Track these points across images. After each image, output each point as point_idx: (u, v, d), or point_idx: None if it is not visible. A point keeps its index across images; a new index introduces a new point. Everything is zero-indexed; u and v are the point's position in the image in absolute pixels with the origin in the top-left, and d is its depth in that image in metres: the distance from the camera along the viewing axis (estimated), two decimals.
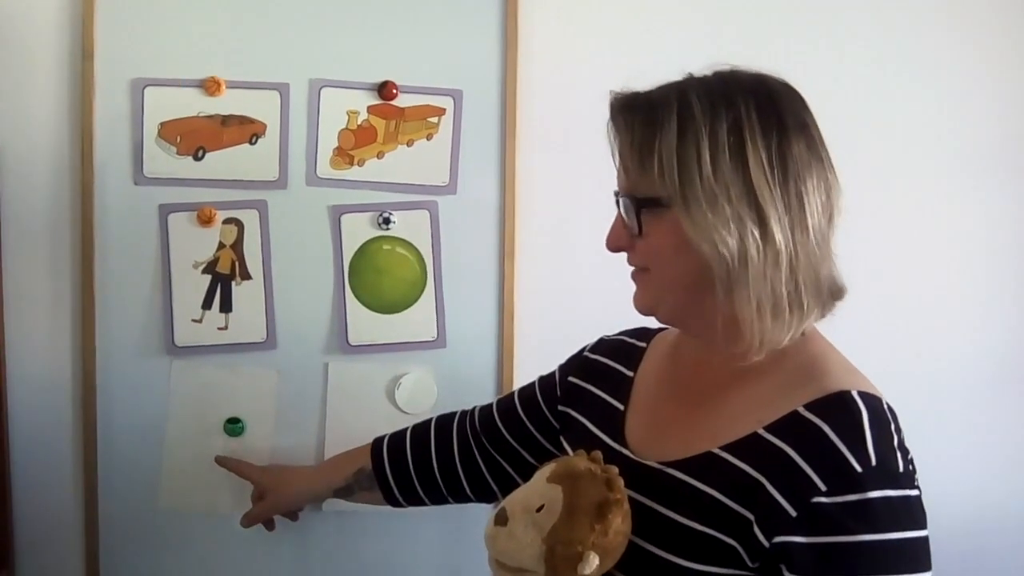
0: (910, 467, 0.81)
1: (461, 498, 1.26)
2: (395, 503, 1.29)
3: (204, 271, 1.46)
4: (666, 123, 0.83)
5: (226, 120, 1.45)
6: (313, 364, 1.49)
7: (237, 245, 1.46)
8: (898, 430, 0.82)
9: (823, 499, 0.77)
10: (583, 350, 1.17)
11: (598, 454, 0.90)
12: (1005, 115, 1.65)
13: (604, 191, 1.52)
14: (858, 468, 0.77)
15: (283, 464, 1.46)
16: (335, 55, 1.46)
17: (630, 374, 1.04)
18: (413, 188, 1.49)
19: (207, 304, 1.46)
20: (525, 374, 1.52)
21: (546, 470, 0.91)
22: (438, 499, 1.27)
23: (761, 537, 0.79)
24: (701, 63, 1.54)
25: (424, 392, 1.50)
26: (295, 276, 1.48)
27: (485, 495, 1.24)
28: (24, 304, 1.45)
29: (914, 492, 0.80)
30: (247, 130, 1.45)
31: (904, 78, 1.59)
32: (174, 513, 1.49)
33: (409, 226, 1.49)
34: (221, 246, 1.46)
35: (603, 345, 1.15)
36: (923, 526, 0.79)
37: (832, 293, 0.87)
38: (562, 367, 1.18)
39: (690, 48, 1.53)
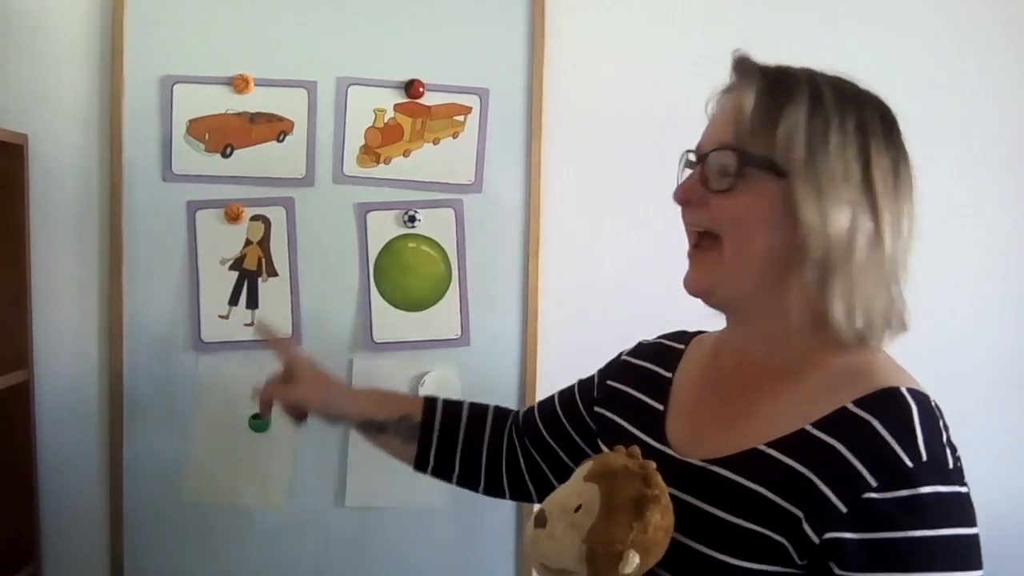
0: (959, 463, 0.80)
1: (495, 491, 1.22)
2: (422, 466, 1.21)
3: (231, 267, 1.47)
4: (799, 97, 0.84)
5: (254, 117, 1.46)
6: (338, 360, 1.49)
7: (264, 242, 1.47)
8: (946, 427, 0.81)
9: (874, 495, 0.76)
10: (621, 354, 1.16)
11: (636, 449, 0.89)
12: (1007, 115, 1.64)
13: (628, 190, 1.54)
14: (909, 463, 0.76)
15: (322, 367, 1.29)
16: (362, 53, 1.47)
17: (668, 375, 1.03)
18: (439, 186, 1.49)
19: (234, 300, 1.47)
20: (548, 372, 1.52)
21: (583, 468, 0.89)
22: (469, 482, 1.21)
23: (811, 533, 0.78)
24: (728, 62, 1.55)
25: (448, 389, 1.51)
26: (321, 273, 1.49)
27: (521, 493, 1.23)
28: (52, 299, 1.46)
29: (964, 488, 0.79)
30: (275, 127, 1.46)
31: (905, 81, 1.57)
32: (198, 506, 1.50)
33: (434, 224, 1.50)
34: (248, 243, 1.47)
35: (641, 349, 1.14)
36: (973, 523, 0.78)
37: (900, 320, 0.87)
38: (601, 371, 1.16)
39: (715, 47, 1.51)
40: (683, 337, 1.08)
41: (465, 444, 1.21)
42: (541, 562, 0.87)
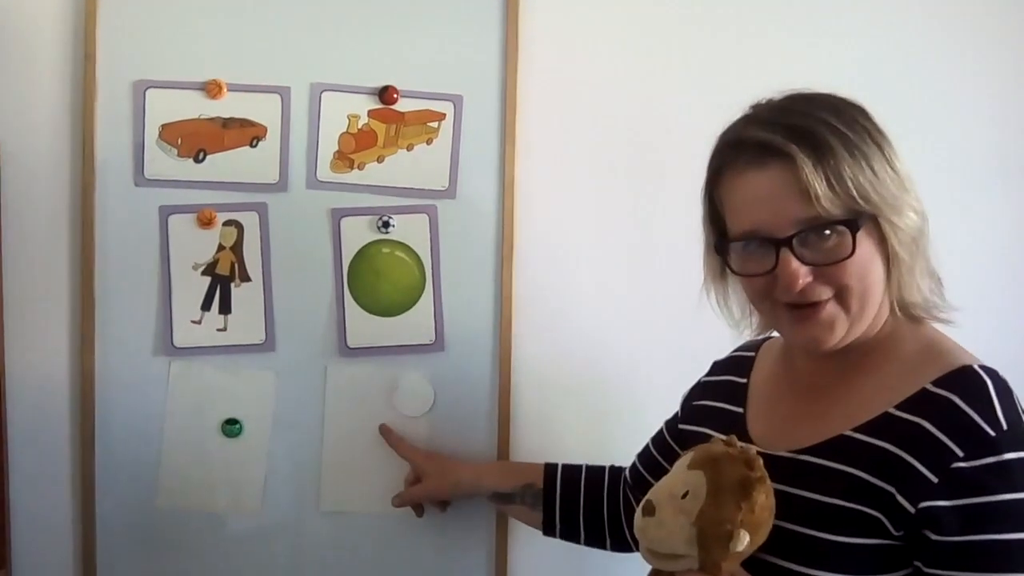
0: None
1: (623, 548, 1.29)
2: (551, 532, 1.32)
3: (204, 273, 1.47)
4: (833, 142, 0.89)
5: (227, 123, 1.45)
6: (312, 366, 1.49)
7: (237, 247, 1.47)
8: (1018, 398, 0.88)
9: (962, 464, 0.84)
10: (700, 379, 1.23)
11: (734, 438, 0.95)
12: (1004, 118, 1.65)
13: (603, 196, 1.54)
14: (991, 433, 0.84)
15: (442, 452, 1.47)
16: (336, 59, 1.47)
17: (743, 381, 1.11)
18: (413, 192, 1.49)
19: (206, 306, 1.47)
20: (523, 379, 1.53)
21: (685, 459, 0.95)
22: (596, 543, 1.31)
23: (906, 505, 0.85)
24: (701, 69, 1.55)
25: (422, 395, 1.51)
26: (294, 278, 1.48)
27: None
28: (24, 304, 1.45)
29: None
30: (248, 133, 1.46)
31: (901, 83, 1.59)
32: (171, 513, 1.49)
33: (408, 230, 1.50)
34: (221, 248, 1.47)
35: (716, 366, 1.21)
36: None
37: None
38: (684, 397, 1.24)
39: (690, 54, 1.54)
40: (752, 345, 1.15)
41: (586, 510, 1.31)
42: (651, 548, 0.93)
